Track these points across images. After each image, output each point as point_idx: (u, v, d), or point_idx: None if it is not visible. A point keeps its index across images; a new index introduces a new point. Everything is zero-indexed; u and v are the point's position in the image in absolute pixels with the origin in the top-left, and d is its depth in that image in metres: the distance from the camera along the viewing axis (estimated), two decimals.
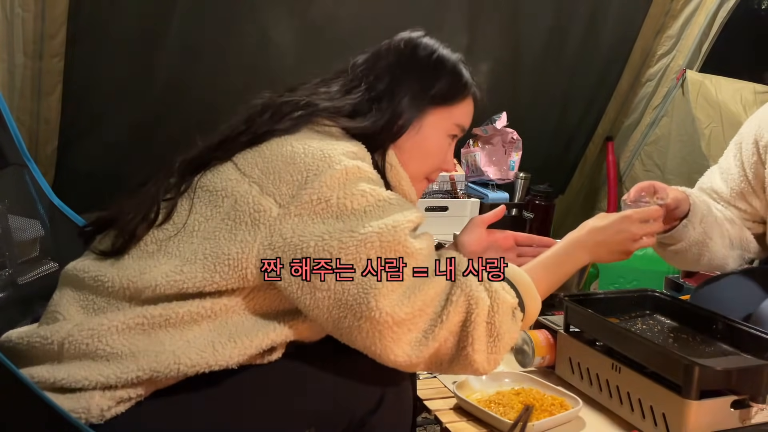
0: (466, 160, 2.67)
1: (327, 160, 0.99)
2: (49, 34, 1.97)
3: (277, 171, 0.99)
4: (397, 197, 1.02)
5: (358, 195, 0.97)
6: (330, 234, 0.94)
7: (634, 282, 2.80)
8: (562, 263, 1.18)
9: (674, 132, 2.83)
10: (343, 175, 0.98)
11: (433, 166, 1.23)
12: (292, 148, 1.02)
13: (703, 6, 2.69)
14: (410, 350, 0.94)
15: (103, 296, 1.00)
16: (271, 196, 0.98)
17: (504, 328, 0.98)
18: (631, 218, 1.22)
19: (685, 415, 1.20)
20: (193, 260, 0.97)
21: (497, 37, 2.63)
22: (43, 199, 1.40)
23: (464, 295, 0.96)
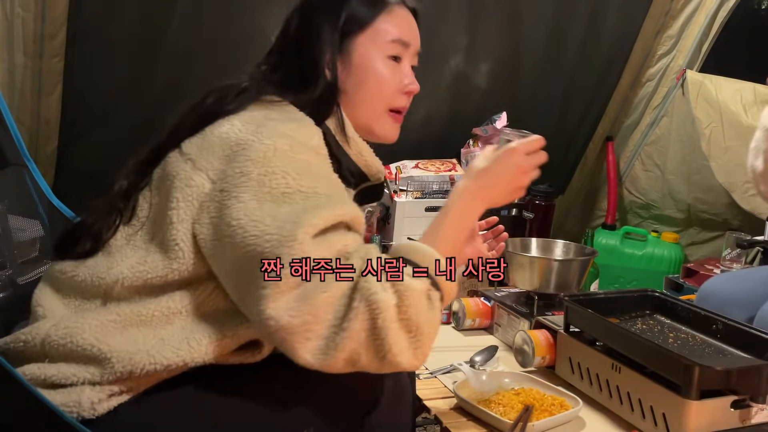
0: (466, 160, 2.67)
1: (258, 134, 0.95)
2: (49, 34, 1.97)
3: (211, 146, 0.97)
4: (329, 186, 0.96)
5: (279, 176, 0.92)
6: (241, 216, 0.90)
7: (634, 282, 2.81)
8: (458, 221, 1.06)
9: (674, 132, 2.83)
10: (270, 151, 0.93)
11: (385, 95, 1.15)
12: (230, 125, 0.99)
13: (703, 6, 2.68)
14: (313, 358, 0.87)
15: (79, 294, 1.01)
16: (203, 171, 0.96)
17: (422, 319, 0.89)
18: (517, 151, 1.09)
19: (685, 415, 1.20)
20: (154, 250, 0.98)
21: (497, 37, 2.63)
22: (43, 199, 1.40)
23: (364, 300, 0.86)
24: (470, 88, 2.69)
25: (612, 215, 3.04)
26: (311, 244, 0.87)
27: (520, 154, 1.09)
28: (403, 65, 1.16)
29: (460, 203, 1.07)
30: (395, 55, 1.15)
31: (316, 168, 0.97)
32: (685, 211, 2.88)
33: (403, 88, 1.16)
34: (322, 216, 0.89)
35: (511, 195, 1.11)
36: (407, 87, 1.17)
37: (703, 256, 2.81)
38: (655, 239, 2.89)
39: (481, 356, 1.61)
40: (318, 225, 0.88)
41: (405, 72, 1.17)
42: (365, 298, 0.86)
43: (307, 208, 0.90)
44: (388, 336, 0.86)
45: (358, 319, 0.86)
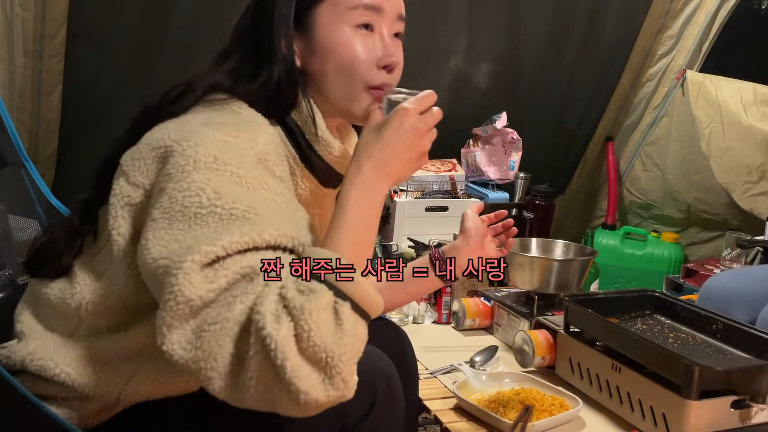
0: (466, 160, 2.67)
1: (184, 142, 0.83)
2: (49, 34, 1.97)
3: (143, 156, 0.87)
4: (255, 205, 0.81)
5: (194, 193, 0.80)
6: (149, 236, 0.81)
7: (634, 282, 2.81)
8: (359, 213, 0.88)
9: (674, 132, 2.83)
10: (190, 164, 0.81)
11: (356, 71, 0.97)
12: (163, 132, 0.88)
13: (703, 6, 2.68)
14: (225, 396, 0.76)
15: (53, 314, 0.97)
16: (140, 186, 0.87)
17: (330, 341, 0.74)
18: (407, 112, 0.89)
19: (685, 415, 1.20)
20: (109, 271, 0.91)
21: (497, 37, 2.63)
22: (41, 199, 1.40)
23: (256, 335, 0.73)
24: (470, 88, 2.69)
25: (612, 215, 3.04)
26: (198, 275, 0.75)
27: (413, 114, 0.89)
28: (377, 35, 0.98)
29: (355, 193, 0.88)
30: (365, 23, 0.97)
31: (245, 182, 0.83)
32: (685, 211, 2.88)
33: (379, 61, 0.97)
34: (221, 243, 0.76)
35: (412, 165, 0.92)
36: (384, 60, 0.97)
37: (703, 256, 2.81)
38: (655, 239, 2.89)
39: (481, 356, 1.61)
40: (213, 252, 0.75)
41: (380, 43, 0.98)
42: (257, 332, 0.73)
43: (217, 230, 0.78)
44: (289, 373, 0.72)
45: (255, 357, 0.73)
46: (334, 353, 0.74)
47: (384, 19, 0.98)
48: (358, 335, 0.77)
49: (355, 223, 0.87)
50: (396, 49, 1.00)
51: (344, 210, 0.88)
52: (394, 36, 1.00)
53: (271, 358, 0.72)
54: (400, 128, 0.89)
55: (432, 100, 0.92)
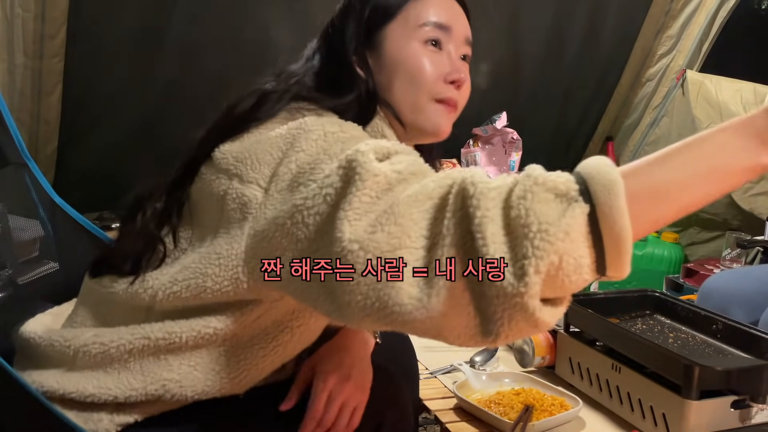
0: (466, 160, 2.67)
1: (303, 127, 0.86)
2: (49, 34, 1.97)
3: (254, 153, 0.87)
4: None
5: (334, 137, 0.83)
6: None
7: (634, 282, 2.81)
8: (712, 157, 0.68)
9: (674, 132, 2.83)
10: (321, 137, 0.83)
11: (423, 83, 0.99)
12: (267, 130, 0.90)
13: (703, 6, 2.69)
14: (414, 299, 0.66)
15: (116, 308, 0.96)
16: (254, 182, 0.86)
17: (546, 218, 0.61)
18: None
19: (685, 415, 1.20)
20: (189, 267, 0.90)
21: (497, 37, 2.63)
22: (44, 198, 1.39)
23: (457, 187, 0.66)
24: (470, 88, 2.69)
25: None
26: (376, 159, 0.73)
27: None
28: (445, 52, 1.00)
29: (732, 133, 0.70)
30: (433, 39, 0.99)
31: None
32: None
33: (446, 76, 0.99)
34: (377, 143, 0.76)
35: None
36: (450, 75, 0.99)
37: (703, 256, 2.81)
38: (655, 239, 2.89)
39: (481, 356, 1.61)
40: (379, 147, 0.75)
41: (448, 59, 1.00)
42: (462, 190, 0.65)
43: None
44: (477, 227, 0.62)
45: (453, 219, 0.65)
46: (529, 232, 0.61)
47: (452, 39, 1.01)
48: (573, 244, 0.61)
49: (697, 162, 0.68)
50: (464, 68, 1.02)
51: (695, 144, 0.69)
52: (461, 58, 1.03)
53: (468, 206, 0.63)
54: None
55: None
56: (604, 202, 0.61)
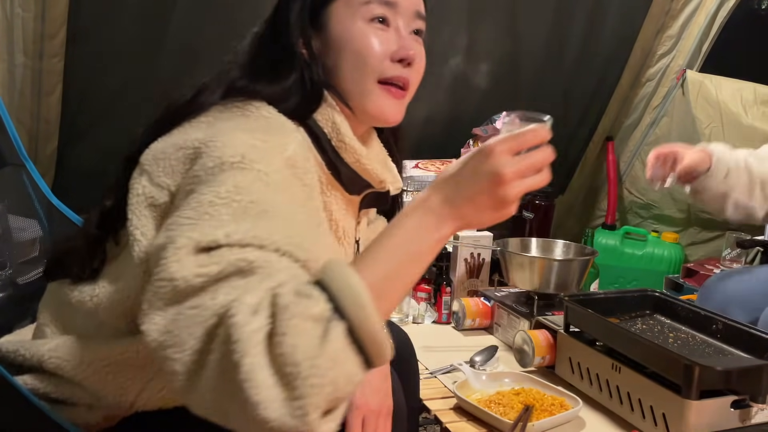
0: None
1: (211, 143, 0.80)
2: (49, 34, 1.97)
3: (168, 157, 0.84)
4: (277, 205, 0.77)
5: (212, 192, 0.75)
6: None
7: (634, 282, 2.81)
8: (412, 242, 0.76)
9: (674, 132, 2.83)
10: (217, 165, 0.77)
11: (368, 63, 0.95)
12: (192, 133, 0.85)
13: (703, 6, 2.68)
14: (182, 393, 0.69)
15: (73, 314, 0.96)
16: (164, 186, 0.84)
17: (304, 356, 0.62)
18: (494, 151, 0.75)
19: (685, 415, 1.20)
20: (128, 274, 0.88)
21: (497, 37, 2.63)
22: (42, 198, 1.40)
23: (224, 325, 0.65)
24: (470, 88, 2.69)
25: (612, 215, 3.04)
26: (190, 255, 0.70)
27: (499, 156, 0.75)
28: (393, 29, 0.96)
29: (412, 220, 0.76)
30: (379, 16, 0.95)
31: (271, 182, 0.79)
32: (685, 211, 2.88)
33: (393, 54, 0.95)
34: (225, 230, 0.71)
35: (491, 214, 0.78)
36: (398, 53, 0.95)
37: (703, 256, 2.81)
38: (655, 239, 2.89)
39: (481, 356, 1.61)
40: (212, 235, 0.70)
41: (395, 36, 0.96)
42: (226, 320, 0.65)
43: (225, 220, 0.73)
44: (246, 373, 0.61)
45: (217, 350, 0.65)
46: (301, 371, 0.62)
47: (400, 15, 0.97)
48: (341, 367, 0.64)
49: (398, 251, 0.75)
50: (414, 45, 0.97)
51: (391, 234, 0.76)
52: (413, 33, 0.99)
53: (230, 352, 0.63)
54: (478, 170, 0.76)
55: (535, 139, 0.80)
56: (357, 317, 0.66)
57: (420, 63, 0.99)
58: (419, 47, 0.99)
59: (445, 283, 1.90)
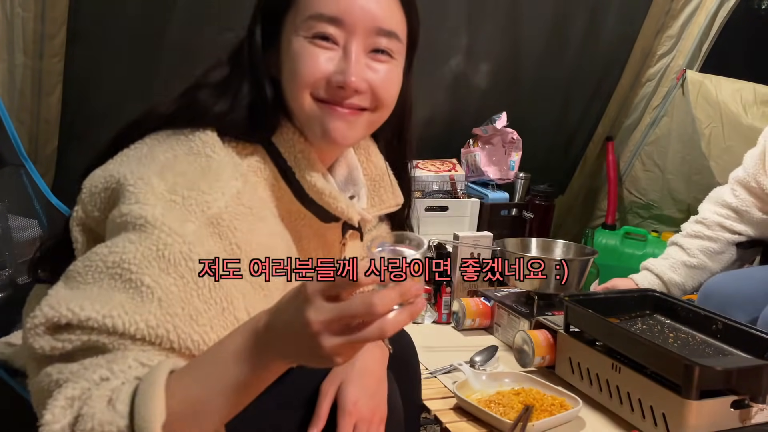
0: (466, 160, 2.67)
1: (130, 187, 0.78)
2: (49, 34, 1.97)
3: (99, 191, 0.83)
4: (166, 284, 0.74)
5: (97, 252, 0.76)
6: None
7: None
8: (226, 370, 0.69)
9: (674, 132, 2.83)
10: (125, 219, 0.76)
11: (301, 80, 0.88)
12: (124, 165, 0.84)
13: (703, 6, 2.68)
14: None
15: None
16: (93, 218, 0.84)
17: None
18: (311, 299, 0.64)
19: (685, 415, 1.20)
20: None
21: (497, 37, 2.63)
22: (41, 198, 1.40)
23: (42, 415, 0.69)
24: (470, 88, 2.69)
25: (612, 215, 3.04)
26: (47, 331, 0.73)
27: (313, 297, 0.64)
28: (341, 48, 0.89)
29: (237, 341, 0.70)
30: (320, 33, 0.88)
31: (166, 255, 0.74)
32: (685, 211, 2.88)
33: (327, 75, 0.88)
34: (79, 304, 0.71)
35: (312, 360, 0.67)
36: (334, 77, 0.87)
37: None
38: (655, 239, 2.88)
39: (481, 356, 1.61)
40: (67, 316, 0.71)
41: (337, 59, 0.88)
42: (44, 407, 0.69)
43: (93, 290, 0.73)
44: None
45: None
46: None
47: (351, 33, 0.88)
48: None
49: (215, 379, 0.69)
50: (364, 70, 0.89)
51: (214, 354, 0.72)
52: (373, 52, 0.90)
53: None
54: (295, 315, 0.66)
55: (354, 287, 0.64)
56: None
57: (380, 86, 0.91)
58: (374, 71, 0.90)
59: (445, 283, 1.90)
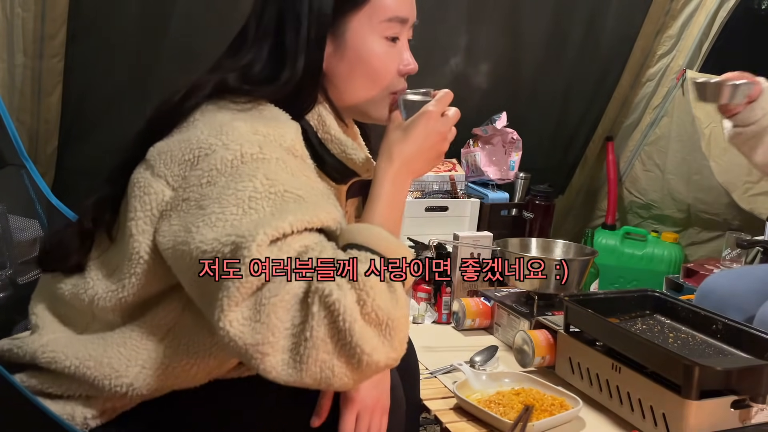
0: (466, 160, 2.67)
1: (223, 136, 0.86)
2: (49, 34, 1.97)
3: (170, 150, 0.89)
4: (301, 189, 0.86)
5: (247, 180, 0.83)
6: (199, 223, 0.82)
7: (634, 282, 2.81)
8: (393, 202, 0.98)
9: (674, 132, 2.83)
10: (237, 158, 0.85)
11: (385, 81, 1.03)
12: (191, 127, 0.90)
13: (703, 6, 2.68)
14: (280, 374, 0.78)
15: (68, 309, 0.98)
16: (163, 177, 0.88)
17: (388, 308, 0.79)
18: (432, 115, 1.00)
19: (685, 415, 1.20)
20: (122, 266, 0.91)
21: (497, 37, 2.63)
22: (42, 199, 1.40)
23: (321, 303, 0.77)
24: (470, 88, 2.69)
25: (612, 215, 3.04)
26: (268, 249, 0.78)
27: (437, 117, 1.00)
28: (400, 44, 1.04)
29: (388, 186, 0.98)
30: (394, 35, 1.03)
31: (290, 169, 0.88)
32: (685, 211, 2.88)
33: (401, 69, 1.04)
34: (288, 220, 0.80)
35: (431, 163, 1.03)
36: (406, 69, 1.05)
37: (703, 256, 2.81)
38: (655, 239, 2.89)
39: (481, 356, 1.61)
40: (281, 228, 0.79)
41: (403, 52, 1.05)
42: (322, 300, 0.77)
43: (273, 212, 0.81)
44: (355, 336, 0.76)
45: (320, 325, 0.76)
46: (392, 318, 0.79)
47: (405, 29, 1.05)
48: (405, 304, 0.83)
49: (388, 210, 0.96)
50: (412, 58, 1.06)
51: (378, 200, 0.97)
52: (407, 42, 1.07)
53: (337, 323, 0.76)
54: (426, 130, 0.99)
55: (449, 100, 1.02)
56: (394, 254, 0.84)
57: None
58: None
59: (445, 283, 1.90)
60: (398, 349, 0.80)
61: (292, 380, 0.78)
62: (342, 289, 0.77)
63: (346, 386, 0.80)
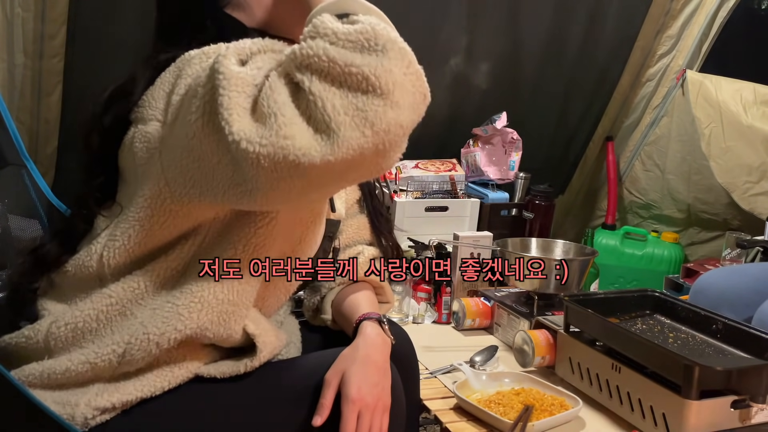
0: (466, 160, 2.67)
1: (186, 57, 0.93)
2: (49, 34, 1.97)
3: (149, 95, 0.96)
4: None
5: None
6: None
7: (634, 282, 2.81)
8: None
9: (674, 132, 2.83)
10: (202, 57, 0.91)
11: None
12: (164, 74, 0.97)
13: (703, 6, 2.68)
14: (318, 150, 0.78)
15: (76, 288, 1.01)
16: (153, 118, 0.94)
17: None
18: None
19: (685, 415, 1.20)
20: (122, 221, 0.96)
21: (497, 37, 2.63)
22: (42, 199, 1.40)
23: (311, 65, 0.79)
24: (470, 88, 2.69)
25: (612, 215, 3.04)
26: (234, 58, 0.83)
27: None
28: None
29: None
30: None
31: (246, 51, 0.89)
32: (685, 211, 2.88)
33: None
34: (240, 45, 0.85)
35: None
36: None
37: (703, 256, 2.81)
38: (655, 239, 2.89)
39: (481, 356, 1.61)
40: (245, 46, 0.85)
41: None
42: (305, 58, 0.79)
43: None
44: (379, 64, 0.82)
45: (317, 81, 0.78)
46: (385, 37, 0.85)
47: None
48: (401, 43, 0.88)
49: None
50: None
51: None
52: None
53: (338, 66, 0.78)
54: None
55: None
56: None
57: None
58: None
59: (445, 283, 1.90)
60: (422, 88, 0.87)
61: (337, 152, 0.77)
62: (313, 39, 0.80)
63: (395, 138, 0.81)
